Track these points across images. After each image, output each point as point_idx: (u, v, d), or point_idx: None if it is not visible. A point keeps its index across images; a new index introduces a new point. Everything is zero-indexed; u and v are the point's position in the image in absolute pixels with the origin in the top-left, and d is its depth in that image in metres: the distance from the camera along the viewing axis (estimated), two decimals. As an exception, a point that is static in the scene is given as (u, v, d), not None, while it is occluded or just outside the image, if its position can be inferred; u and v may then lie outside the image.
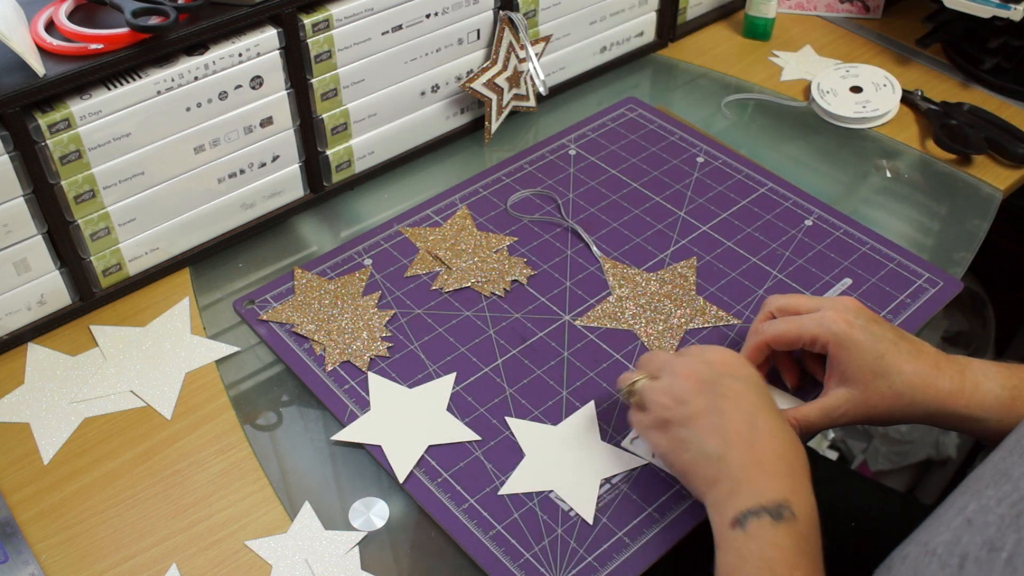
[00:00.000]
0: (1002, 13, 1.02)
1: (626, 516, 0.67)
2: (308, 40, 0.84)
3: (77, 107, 0.73)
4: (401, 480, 0.69)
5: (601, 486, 0.68)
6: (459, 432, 0.73)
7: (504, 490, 0.68)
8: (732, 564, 0.56)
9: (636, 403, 0.67)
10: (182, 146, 0.81)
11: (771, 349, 0.71)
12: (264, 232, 0.92)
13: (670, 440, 0.64)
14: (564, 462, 0.70)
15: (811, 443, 0.74)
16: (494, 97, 0.99)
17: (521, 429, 0.72)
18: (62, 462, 0.72)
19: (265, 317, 0.82)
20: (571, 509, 0.67)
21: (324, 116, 0.89)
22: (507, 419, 0.73)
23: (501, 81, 0.99)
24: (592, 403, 0.74)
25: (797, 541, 0.55)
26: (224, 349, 0.80)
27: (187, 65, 0.77)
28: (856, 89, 1.07)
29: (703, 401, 0.62)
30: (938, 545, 0.48)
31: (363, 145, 0.94)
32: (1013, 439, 0.54)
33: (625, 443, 0.71)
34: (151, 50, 0.75)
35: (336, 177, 0.94)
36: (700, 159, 0.99)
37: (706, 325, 0.81)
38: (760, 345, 0.70)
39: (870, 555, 0.81)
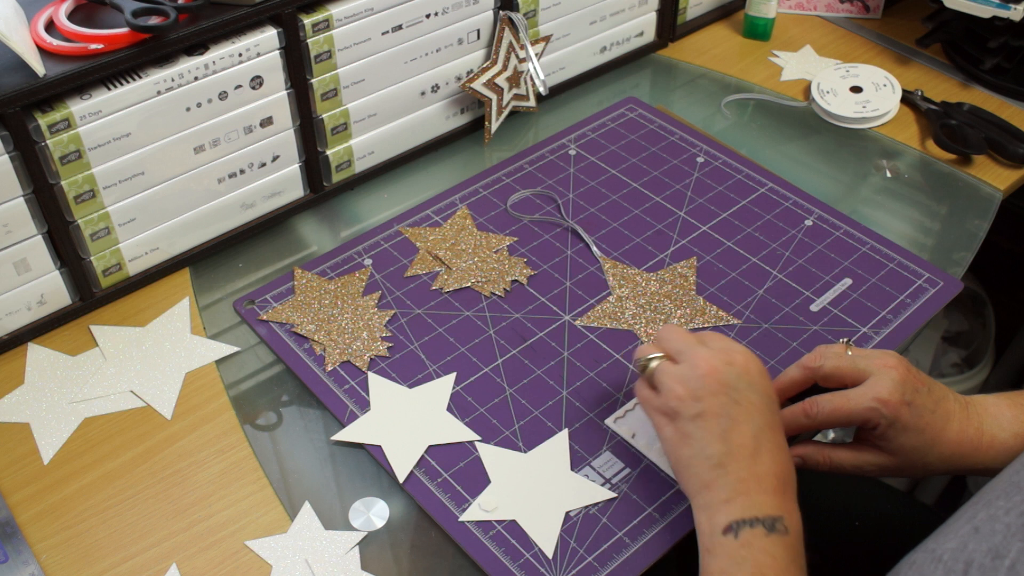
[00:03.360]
0: (1002, 13, 1.02)
1: (626, 516, 0.67)
2: (308, 40, 0.84)
3: (77, 107, 0.73)
4: (401, 480, 0.69)
5: (563, 522, 0.67)
6: (459, 432, 0.73)
7: (464, 517, 0.67)
8: (723, 569, 0.57)
9: (648, 381, 0.67)
10: (182, 146, 0.81)
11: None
12: (264, 232, 0.92)
13: (674, 431, 0.63)
14: (530, 491, 0.68)
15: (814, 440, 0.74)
16: (494, 97, 1.00)
17: (488, 455, 0.71)
18: (62, 462, 0.72)
19: (265, 317, 0.82)
20: (572, 509, 0.67)
21: (324, 116, 0.89)
22: (476, 444, 0.71)
23: (501, 81, 0.99)
24: (565, 431, 0.73)
25: (789, 552, 0.57)
26: (224, 349, 0.80)
27: (187, 65, 0.77)
28: (856, 89, 1.07)
29: (717, 403, 0.62)
30: (944, 552, 0.48)
31: (363, 145, 0.94)
32: None
33: (609, 421, 0.72)
34: (151, 50, 0.75)
35: (336, 177, 0.94)
36: (700, 159, 0.99)
37: (706, 325, 0.81)
38: (803, 414, 0.67)
39: (873, 554, 0.81)
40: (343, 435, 0.73)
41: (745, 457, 0.60)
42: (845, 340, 0.70)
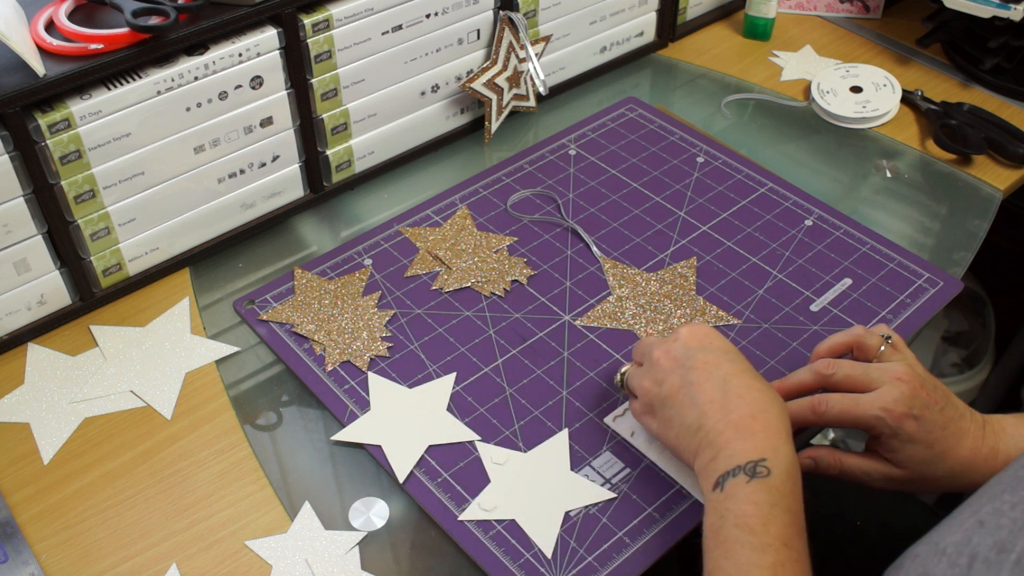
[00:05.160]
0: (1002, 13, 1.02)
1: (626, 516, 0.67)
2: (308, 40, 0.84)
3: (77, 107, 0.73)
4: (401, 480, 0.69)
5: (563, 522, 0.67)
6: (459, 432, 0.73)
7: (463, 516, 0.67)
8: (712, 524, 0.58)
9: (629, 391, 0.70)
10: (182, 146, 0.81)
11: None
12: (264, 232, 0.92)
13: (657, 421, 0.66)
14: (529, 491, 0.68)
15: (812, 442, 0.74)
16: (494, 97, 0.99)
17: (488, 454, 0.71)
18: (62, 462, 0.72)
19: (265, 317, 0.82)
20: (572, 509, 0.67)
21: (324, 116, 0.89)
22: (476, 444, 0.72)
23: (501, 81, 0.99)
24: (565, 431, 0.73)
25: (772, 496, 0.57)
26: (224, 349, 0.80)
27: (187, 65, 0.77)
28: (856, 89, 1.07)
29: (676, 378, 0.64)
30: (948, 545, 0.48)
31: (363, 145, 0.94)
32: None
33: (608, 419, 0.73)
34: (151, 50, 0.75)
35: (336, 177, 0.94)
36: (700, 159, 0.99)
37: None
38: (811, 410, 0.67)
39: (873, 554, 0.81)
40: (343, 435, 0.73)
41: (716, 411, 0.62)
42: (886, 337, 0.70)
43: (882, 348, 0.69)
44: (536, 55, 1.01)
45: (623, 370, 0.72)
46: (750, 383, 0.63)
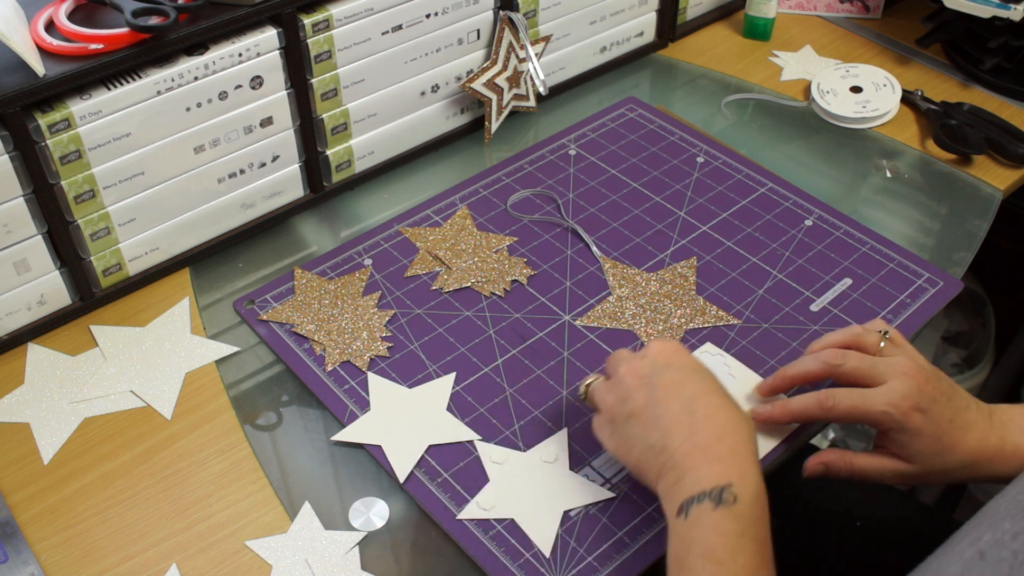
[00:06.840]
0: (1002, 13, 1.02)
1: (626, 516, 0.67)
2: (308, 40, 0.84)
3: (77, 107, 0.73)
4: (401, 480, 0.69)
5: (563, 522, 0.67)
6: (459, 432, 0.73)
7: (462, 515, 0.67)
8: (678, 553, 0.56)
9: (590, 404, 0.68)
10: (182, 146, 0.81)
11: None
12: (264, 232, 0.92)
13: (618, 439, 0.64)
14: (528, 490, 0.68)
15: (812, 442, 0.74)
16: (494, 97, 1.00)
17: (488, 454, 0.71)
18: (62, 462, 0.72)
19: (265, 317, 0.82)
20: (571, 509, 0.67)
21: (324, 116, 0.89)
22: (476, 444, 0.72)
23: (501, 81, 0.99)
24: (565, 431, 0.73)
25: (739, 524, 0.55)
26: (224, 349, 0.80)
27: (187, 65, 0.77)
28: (856, 89, 1.07)
29: (642, 396, 0.63)
30: None
31: (363, 145, 0.94)
32: None
33: (597, 463, 0.71)
34: (151, 50, 0.75)
35: (336, 177, 0.94)
36: (700, 159, 0.99)
37: (706, 325, 0.81)
38: (818, 405, 0.67)
39: (874, 555, 0.81)
40: (343, 435, 0.73)
41: (682, 432, 0.59)
42: (883, 332, 0.69)
43: (881, 344, 0.69)
44: (536, 55, 1.01)
45: (588, 381, 0.69)
46: (718, 403, 0.61)
